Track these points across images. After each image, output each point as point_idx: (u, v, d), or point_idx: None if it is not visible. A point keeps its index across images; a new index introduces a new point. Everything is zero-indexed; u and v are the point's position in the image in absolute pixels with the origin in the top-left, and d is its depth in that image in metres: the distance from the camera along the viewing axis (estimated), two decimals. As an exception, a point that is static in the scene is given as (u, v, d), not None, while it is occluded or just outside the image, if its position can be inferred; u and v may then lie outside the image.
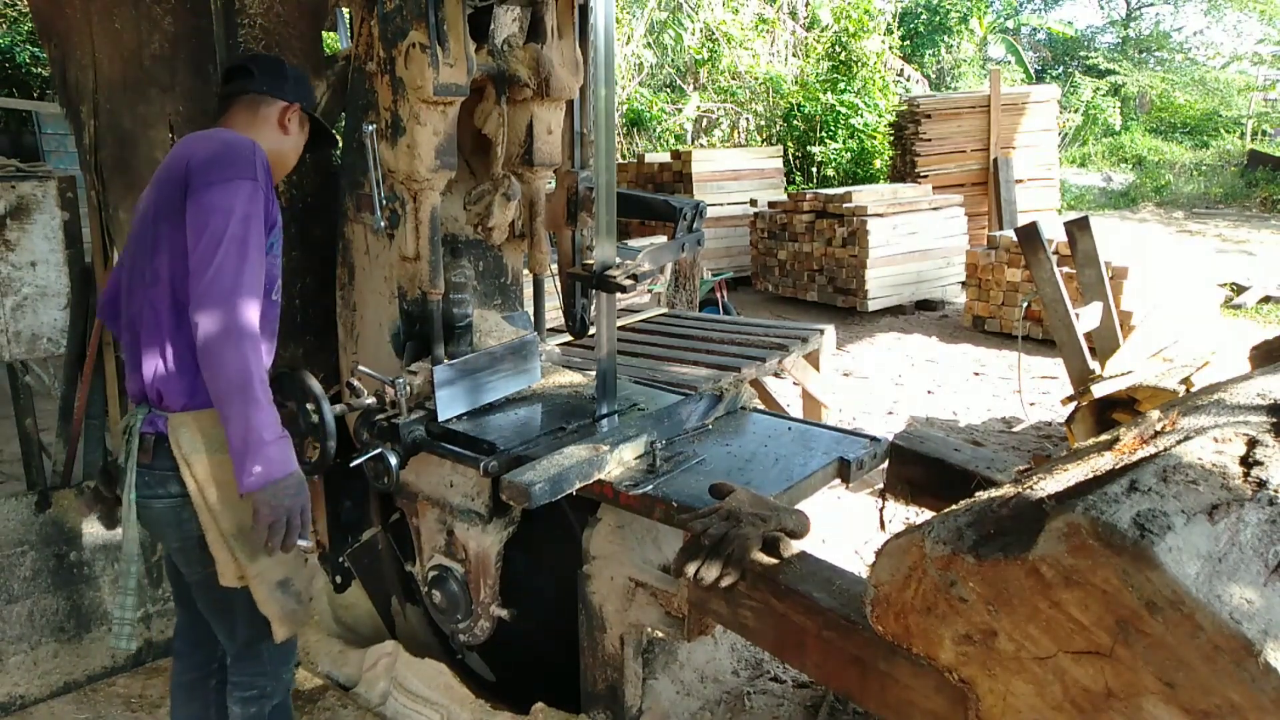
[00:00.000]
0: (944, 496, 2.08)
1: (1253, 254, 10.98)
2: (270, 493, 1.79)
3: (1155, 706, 1.16)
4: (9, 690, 2.79)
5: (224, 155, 1.84)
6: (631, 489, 2.08)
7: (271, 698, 2.14)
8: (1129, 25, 26.72)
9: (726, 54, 14.97)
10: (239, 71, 2.07)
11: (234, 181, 1.81)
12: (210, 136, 1.92)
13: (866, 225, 8.37)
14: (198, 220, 1.79)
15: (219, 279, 1.75)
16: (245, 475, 1.78)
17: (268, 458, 1.78)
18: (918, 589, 1.37)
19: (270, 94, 2.05)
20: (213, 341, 1.74)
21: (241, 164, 1.83)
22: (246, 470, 1.77)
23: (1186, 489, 1.23)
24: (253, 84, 2.04)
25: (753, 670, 2.64)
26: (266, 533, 1.82)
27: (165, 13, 2.55)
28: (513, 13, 2.39)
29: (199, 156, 1.84)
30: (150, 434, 1.93)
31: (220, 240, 1.76)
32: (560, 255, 2.74)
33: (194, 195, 1.80)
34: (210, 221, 1.77)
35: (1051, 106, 10.87)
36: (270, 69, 2.08)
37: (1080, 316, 3.91)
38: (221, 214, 1.78)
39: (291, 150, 2.15)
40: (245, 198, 1.81)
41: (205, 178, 1.80)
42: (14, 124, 11.60)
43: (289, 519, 1.83)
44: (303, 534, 1.88)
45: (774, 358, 4.27)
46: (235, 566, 1.94)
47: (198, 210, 1.79)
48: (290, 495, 1.82)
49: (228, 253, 1.76)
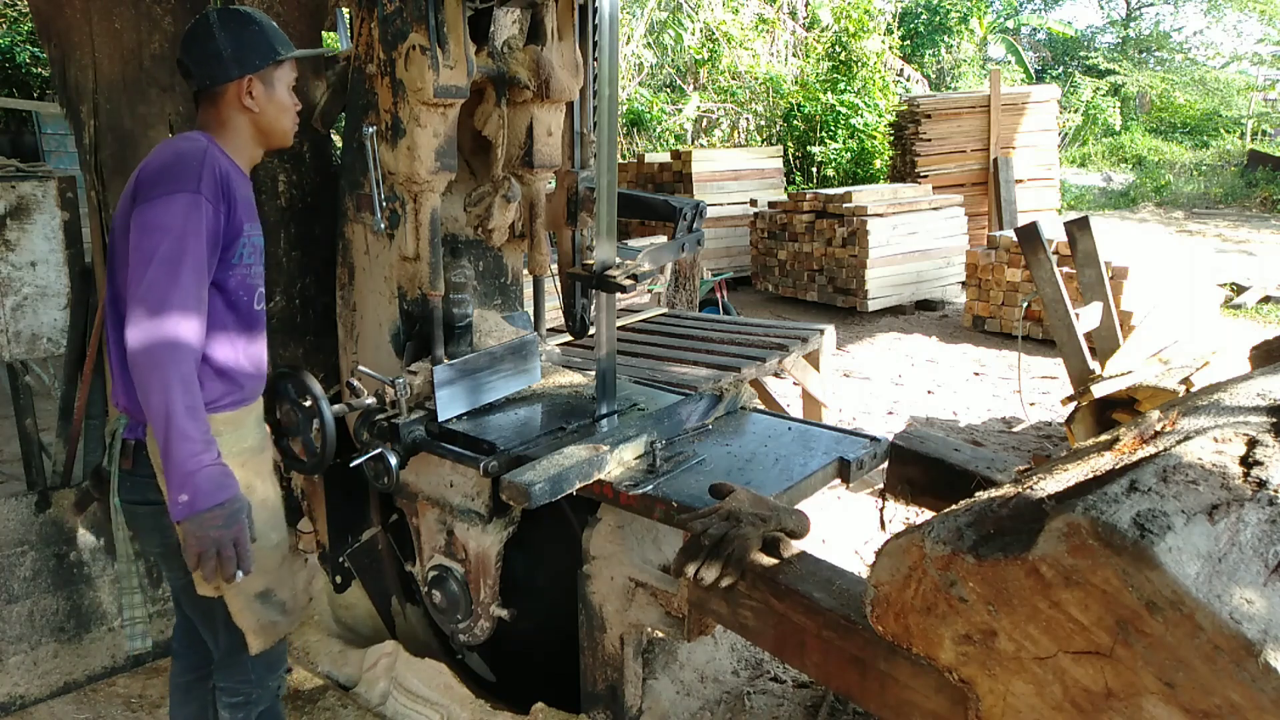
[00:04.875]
0: (944, 496, 2.09)
1: (1253, 254, 10.98)
2: (195, 524, 1.69)
3: (1155, 706, 1.16)
4: (9, 690, 2.79)
5: (167, 168, 1.78)
6: (631, 489, 2.08)
7: (257, 704, 2.13)
8: (1129, 25, 26.73)
9: (726, 54, 14.98)
10: (183, 70, 1.95)
11: (174, 195, 1.74)
12: (167, 146, 1.87)
13: (866, 225, 8.37)
14: (135, 237, 1.74)
15: (147, 299, 1.69)
16: (173, 504, 1.70)
17: (194, 486, 1.69)
18: (918, 589, 1.37)
19: (214, 83, 1.92)
20: (137, 365, 1.69)
21: (184, 177, 1.76)
22: (173, 500, 1.70)
23: (1186, 489, 1.23)
24: (194, 82, 1.93)
25: (753, 670, 2.64)
26: (196, 564, 1.73)
27: (165, 13, 2.56)
28: (513, 15, 2.39)
29: (148, 169, 1.80)
30: (132, 440, 1.92)
31: (150, 259, 1.71)
32: (560, 255, 2.74)
33: (137, 210, 1.76)
34: (143, 240, 1.72)
35: (1051, 106, 10.87)
36: (201, 56, 1.90)
37: (1080, 316, 3.91)
38: (157, 232, 1.72)
39: (274, 115, 1.99)
40: (181, 213, 1.74)
41: (147, 193, 1.76)
42: (14, 124, 11.61)
43: (220, 550, 1.72)
44: (241, 565, 1.75)
45: (774, 358, 4.27)
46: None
47: (137, 226, 1.75)
48: (217, 526, 1.71)
49: (157, 272, 1.70)
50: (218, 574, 1.75)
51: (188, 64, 1.93)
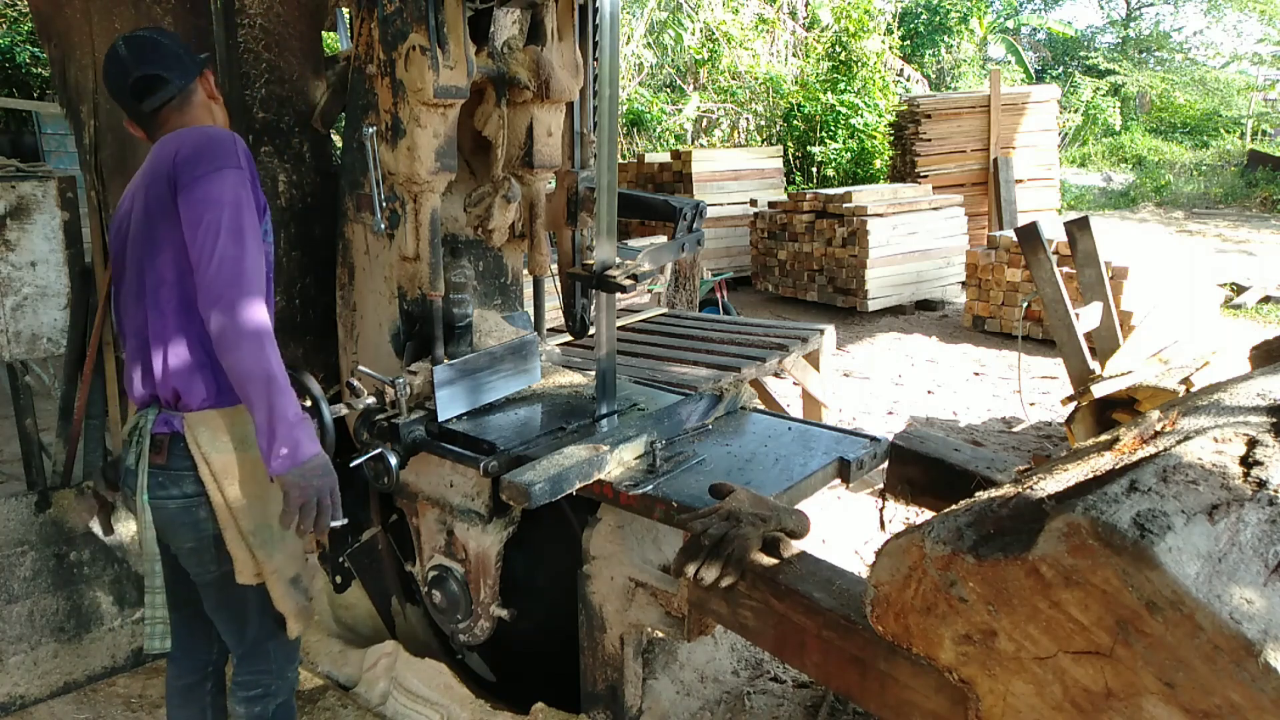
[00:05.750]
0: (944, 496, 2.09)
1: (1253, 254, 10.98)
2: (299, 474, 1.79)
3: (1155, 706, 1.16)
4: (9, 690, 2.79)
5: (207, 147, 1.85)
6: (631, 489, 2.08)
7: (276, 696, 2.14)
8: (1129, 25, 26.73)
9: (726, 54, 14.98)
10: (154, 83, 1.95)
11: (221, 171, 1.81)
12: (189, 132, 1.90)
13: (866, 225, 8.37)
14: (192, 214, 1.79)
15: (222, 269, 1.76)
16: (274, 458, 1.77)
17: (294, 439, 1.78)
18: (918, 589, 1.37)
19: (189, 80, 1.98)
20: (227, 331, 1.75)
21: (224, 154, 1.84)
22: (274, 453, 1.77)
23: (1186, 489, 1.23)
24: (172, 87, 1.96)
25: (753, 670, 2.64)
26: (298, 515, 1.81)
27: (165, 13, 2.56)
28: (513, 15, 2.39)
29: (183, 152, 1.84)
30: (165, 433, 1.92)
31: (218, 231, 1.77)
32: (560, 255, 2.74)
33: (185, 191, 1.81)
34: (205, 214, 1.78)
35: (1051, 106, 10.87)
36: (167, 62, 1.96)
37: (1080, 316, 3.91)
38: (215, 205, 1.79)
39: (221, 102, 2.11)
40: (232, 187, 1.81)
41: (192, 172, 1.81)
42: (14, 124, 11.61)
43: (319, 499, 1.82)
44: (334, 514, 1.87)
45: (774, 358, 4.27)
46: (253, 564, 1.95)
47: (191, 205, 1.80)
48: (318, 475, 1.82)
49: (226, 243, 1.77)
50: (297, 531, 1.84)
51: (159, 74, 1.95)
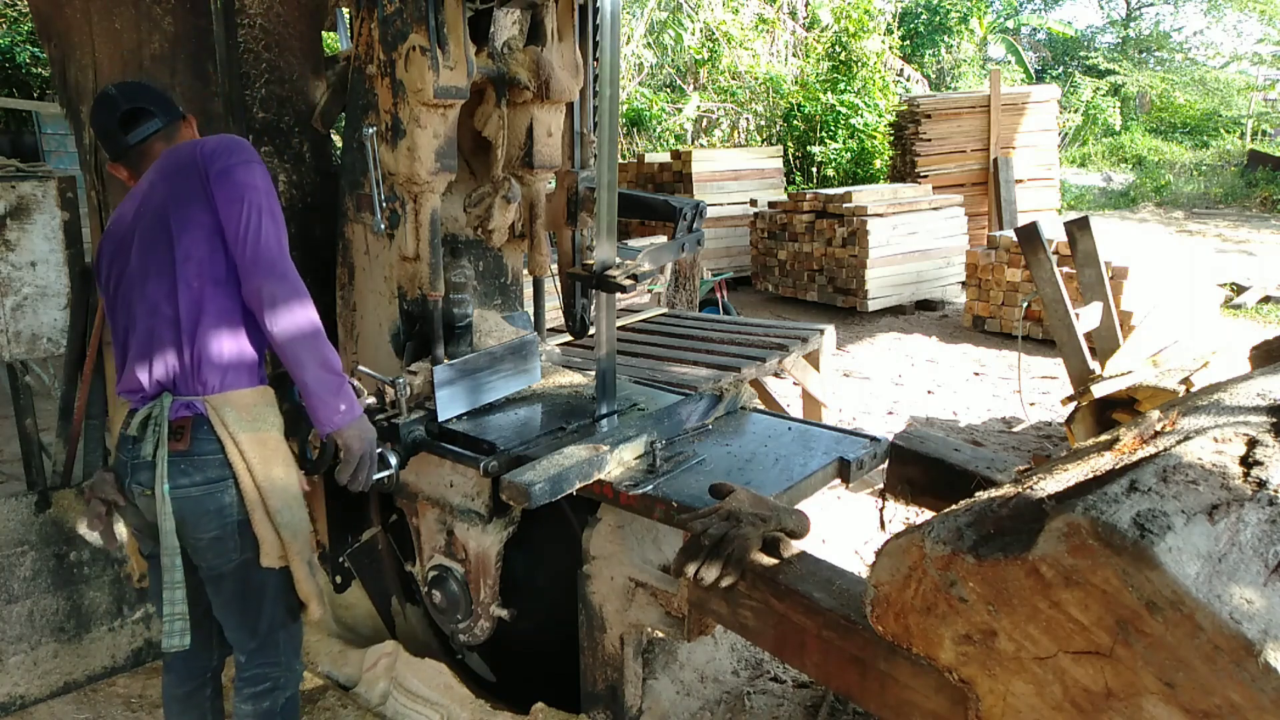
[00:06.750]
0: (944, 496, 2.09)
1: (1253, 254, 10.98)
2: (358, 426, 1.95)
3: (1155, 706, 1.16)
4: (9, 690, 2.79)
5: (233, 143, 1.97)
6: (631, 489, 2.08)
7: (285, 689, 2.14)
8: (1129, 25, 26.73)
9: (726, 54, 14.98)
10: (141, 115, 2.07)
11: (250, 164, 1.95)
12: (204, 138, 2.01)
13: (866, 225, 8.37)
14: (233, 194, 1.90)
15: (267, 244, 1.89)
16: (333, 413, 1.91)
17: (349, 395, 1.92)
18: (918, 589, 1.37)
19: (172, 119, 2.12)
20: (279, 296, 1.87)
21: (250, 150, 1.99)
22: (333, 408, 1.90)
23: (1186, 489, 1.23)
24: (160, 119, 2.08)
25: (753, 670, 2.64)
26: (355, 467, 1.95)
27: (165, 13, 2.56)
28: (513, 15, 2.39)
29: (209, 146, 1.94)
30: (186, 417, 1.92)
31: (260, 212, 1.91)
32: (560, 255, 2.74)
33: (220, 176, 1.90)
34: (245, 195, 1.90)
35: (1051, 106, 10.87)
36: (157, 100, 2.12)
37: (1080, 316, 3.91)
38: (252, 189, 1.92)
39: None
40: (262, 177, 1.95)
41: (226, 160, 1.92)
42: (14, 124, 11.61)
43: (370, 452, 1.98)
44: (374, 470, 2.03)
45: (774, 358, 4.27)
46: (279, 545, 1.96)
47: (230, 188, 1.90)
48: (371, 429, 1.99)
49: (266, 223, 1.91)
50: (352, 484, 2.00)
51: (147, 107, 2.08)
